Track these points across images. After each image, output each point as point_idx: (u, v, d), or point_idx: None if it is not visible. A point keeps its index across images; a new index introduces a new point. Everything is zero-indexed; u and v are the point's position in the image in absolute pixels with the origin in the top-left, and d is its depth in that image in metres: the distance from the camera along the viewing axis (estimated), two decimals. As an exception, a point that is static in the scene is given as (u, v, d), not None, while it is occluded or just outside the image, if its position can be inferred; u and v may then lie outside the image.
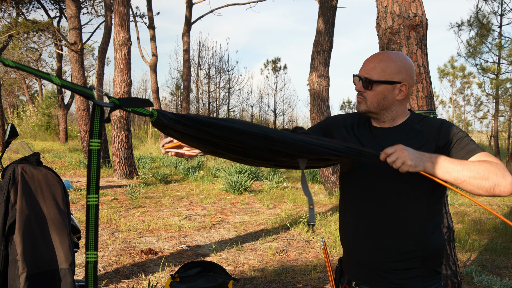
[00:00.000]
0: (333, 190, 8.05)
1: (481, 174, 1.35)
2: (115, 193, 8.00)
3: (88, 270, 1.13)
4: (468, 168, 1.37)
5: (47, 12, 16.16)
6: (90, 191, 1.10)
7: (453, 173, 1.37)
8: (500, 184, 1.34)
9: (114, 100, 1.15)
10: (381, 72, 1.54)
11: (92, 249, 1.13)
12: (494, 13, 11.79)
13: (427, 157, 1.40)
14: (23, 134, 22.21)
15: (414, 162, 1.40)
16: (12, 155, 2.61)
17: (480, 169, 1.36)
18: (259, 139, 1.46)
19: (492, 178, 1.35)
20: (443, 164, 1.39)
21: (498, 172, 1.36)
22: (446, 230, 2.95)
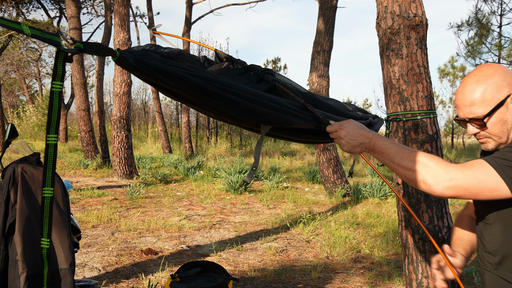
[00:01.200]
0: (333, 190, 8.05)
1: (410, 166, 1.31)
2: (115, 193, 8.00)
3: (45, 206, 1.21)
4: (400, 156, 1.35)
5: (47, 12, 16.15)
6: (50, 130, 1.17)
7: (385, 160, 1.38)
8: (426, 182, 1.28)
9: (79, 45, 1.20)
10: (483, 102, 1.33)
11: (49, 185, 1.20)
12: (493, 13, 11.79)
13: (364, 143, 1.42)
14: (23, 134, 22.21)
15: (347, 148, 1.45)
16: (12, 155, 2.61)
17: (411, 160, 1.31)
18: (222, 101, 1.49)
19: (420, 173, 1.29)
20: (378, 150, 1.40)
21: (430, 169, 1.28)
22: (446, 230, 2.95)
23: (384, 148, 1.38)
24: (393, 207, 7.10)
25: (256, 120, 1.57)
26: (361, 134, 1.43)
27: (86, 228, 5.36)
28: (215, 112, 1.64)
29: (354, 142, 1.44)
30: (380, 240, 5.23)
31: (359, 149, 1.44)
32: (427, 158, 1.29)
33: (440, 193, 1.26)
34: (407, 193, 3.00)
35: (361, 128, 1.45)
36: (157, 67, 1.41)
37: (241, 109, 1.52)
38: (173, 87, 1.47)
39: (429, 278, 2.95)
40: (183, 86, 1.45)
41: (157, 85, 1.55)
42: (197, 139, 21.30)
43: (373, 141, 1.41)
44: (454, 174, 1.24)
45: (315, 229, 5.67)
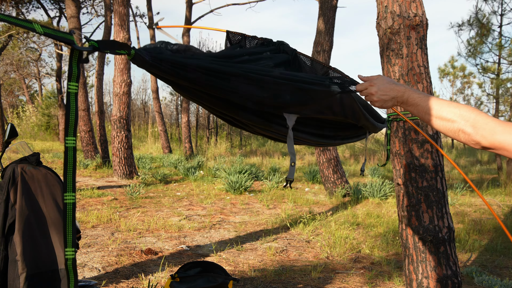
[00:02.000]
0: (333, 190, 8.05)
1: (449, 116, 1.30)
2: (115, 193, 8.00)
3: (67, 212, 1.14)
4: (438, 108, 1.33)
5: (47, 12, 16.16)
6: (68, 133, 1.13)
7: (420, 113, 1.37)
8: (466, 131, 1.27)
9: (93, 43, 1.18)
10: None
11: (71, 191, 1.15)
12: (494, 13, 11.79)
13: (397, 97, 1.41)
14: (22, 134, 22.20)
15: (379, 103, 1.44)
16: (11, 155, 2.60)
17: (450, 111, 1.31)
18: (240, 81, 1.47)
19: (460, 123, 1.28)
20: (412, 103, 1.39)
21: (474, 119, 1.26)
22: (446, 230, 2.95)
23: (419, 100, 1.37)
24: (393, 207, 7.10)
25: (280, 103, 1.53)
26: (392, 88, 1.42)
27: (86, 228, 5.36)
28: (237, 112, 1.59)
29: (386, 97, 1.43)
30: (380, 240, 5.23)
31: (390, 103, 1.43)
32: (467, 109, 1.29)
33: (478, 141, 1.25)
34: (407, 193, 3.00)
35: (392, 82, 1.44)
36: (173, 61, 1.39)
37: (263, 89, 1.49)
38: (192, 81, 1.44)
39: (429, 278, 2.94)
40: (201, 78, 1.42)
41: (175, 84, 1.51)
42: (197, 139, 21.30)
43: (407, 94, 1.40)
44: (493, 126, 1.23)
45: (315, 229, 5.66)
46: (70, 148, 1.13)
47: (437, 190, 2.94)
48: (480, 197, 1.38)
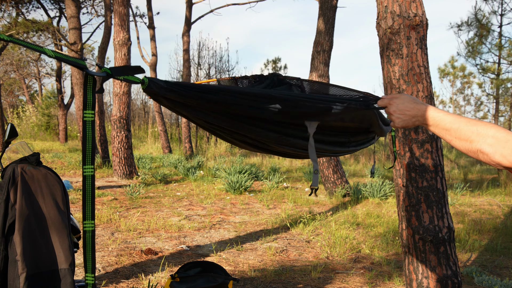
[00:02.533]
0: (333, 190, 8.05)
1: (467, 136, 1.22)
2: (115, 193, 8.00)
3: (86, 240, 1.16)
4: (456, 127, 1.26)
5: (46, 12, 16.15)
6: (86, 161, 1.13)
7: (441, 132, 1.32)
8: (484, 152, 1.19)
9: (106, 70, 1.17)
10: None
11: (90, 219, 1.16)
12: (494, 13, 11.79)
13: (417, 116, 1.36)
14: (22, 134, 22.20)
15: (399, 124, 1.40)
16: (11, 155, 2.60)
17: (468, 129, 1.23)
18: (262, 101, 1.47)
19: (478, 142, 1.20)
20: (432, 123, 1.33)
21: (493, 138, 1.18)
22: (446, 230, 2.95)
23: (439, 120, 1.30)
24: (393, 207, 7.10)
25: (300, 112, 1.54)
26: (412, 107, 1.37)
27: (86, 228, 5.36)
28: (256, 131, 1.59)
29: (405, 117, 1.38)
30: (380, 240, 5.23)
31: (411, 123, 1.38)
32: (485, 126, 1.21)
33: (498, 162, 1.17)
34: (407, 194, 3.00)
35: (413, 101, 1.38)
36: (191, 85, 1.36)
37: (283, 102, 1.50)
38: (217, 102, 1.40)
39: (429, 278, 2.95)
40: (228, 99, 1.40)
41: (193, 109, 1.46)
42: (197, 139, 21.30)
43: (427, 113, 1.33)
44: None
45: (315, 229, 5.66)
46: (88, 176, 1.12)
47: (437, 190, 2.94)
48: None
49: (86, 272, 1.17)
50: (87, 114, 1.12)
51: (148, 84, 1.28)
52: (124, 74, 1.21)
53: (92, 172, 1.13)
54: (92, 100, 1.12)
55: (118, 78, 1.20)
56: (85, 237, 1.15)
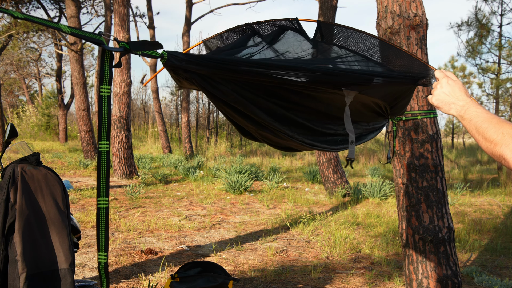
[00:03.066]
0: (333, 190, 8.05)
1: (493, 138, 1.13)
2: (115, 193, 8.00)
3: (100, 217, 1.14)
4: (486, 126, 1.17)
5: (46, 12, 16.15)
6: (101, 137, 1.12)
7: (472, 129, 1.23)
8: (506, 158, 1.10)
9: (124, 45, 1.15)
10: None
11: (104, 196, 1.15)
12: (494, 13, 11.79)
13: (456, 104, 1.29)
14: (22, 134, 22.20)
15: (436, 99, 1.33)
16: (11, 155, 2.60)
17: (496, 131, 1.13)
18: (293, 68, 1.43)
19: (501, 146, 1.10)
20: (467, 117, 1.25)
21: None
22: (446, 230, 2.95)
23: (475, 115, 1.21)
24: (393, 207, 7.10)
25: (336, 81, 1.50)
26: (458, 95, 1.29)
27: (86, 228, 5.36)
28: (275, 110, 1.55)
29: (447, 98, 1.31)
30: (380, 240, 5.23)
31: (447, 107, 1.31)
32: (510, 126, 1.11)
33: None
34: (407, 193, 3.00)
35: (463, 89, 1.32)
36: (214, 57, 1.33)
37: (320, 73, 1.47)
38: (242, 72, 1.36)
39: (429, 278, 2.95)
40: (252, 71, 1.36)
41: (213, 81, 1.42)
42: (197, 139, 21.30)
43: (467, 105, 1.25)
44: None
45: (315, 229, 5.66)
46: (104, 152, 1.12)
47: (437, 190, 2.94)
48: None
49: (99, 251, 1.14)
50: (103, 89, 1.10)
51: (168, 58, 1.26)
52: (142, 49, 1.19)
53: (107, 148, 1.12)
54: (109, 75, 1.10)
55: (137, 53, 1.19)
56: (99, 214, 1.13)
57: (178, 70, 1.35)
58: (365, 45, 1.73)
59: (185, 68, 1.32)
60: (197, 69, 1.34)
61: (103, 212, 1.12)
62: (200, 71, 1.36)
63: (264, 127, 1.61)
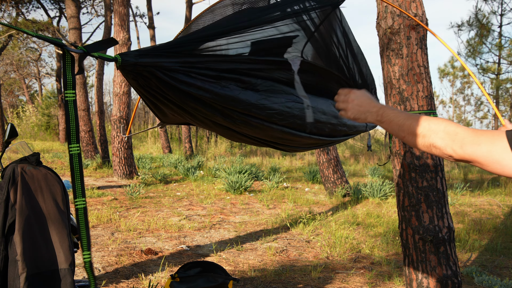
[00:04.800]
0: (333, 190, 8.05)
1: (420, 131, 1.25)
2: (115, 193, 8.00)
3: (79, 217, 1.17)
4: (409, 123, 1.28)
5: (47, 12, 16.16)
6: (71, 141, 1.14)
7: (394, 129, 1.34)
8: (436, 146, 1.21)
9: (81, 48, 1.18)
10: None
11: (80, 196, 1.18)
12: (494, 13, 11.79)
13: (371, 112, 1.39)
14: (22, 134, 22.20)
15: (352, 113, 1.44)
16: (11, 155, 2.60)
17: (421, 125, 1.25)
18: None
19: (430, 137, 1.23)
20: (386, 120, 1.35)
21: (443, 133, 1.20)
22: (446, 230, 2.95)
23: (393, 116, 1.33)
24: (393, 207, 7.10)
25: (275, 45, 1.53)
26: (369, 103, 1.41)
27: (86, 228, 5.36)
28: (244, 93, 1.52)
29: (361, 109, 1.42)
30: (380, 240, 5.23)
31: (363, 117, 1.41)
32: (436, 121, 1.24)
33: (450, 155, 1.20)
34: (407, 193, 3.00)
35: (369, 97, 1.43)
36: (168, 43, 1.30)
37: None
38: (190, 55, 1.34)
39: (429, 278, 2.95)
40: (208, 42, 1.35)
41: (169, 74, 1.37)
42: (197, 139, 21.30)
43: (382, 110, 1.37)
44: (462, 137, 1.17)
45: (315, 229, 5.66)
46: (75, 155, 1.14)
47: (437, 190, 2.94)
48: None
49: (83, 251, 1.18)
50: (68, 94, 1.13)
51: (122, 59, 1.25)
52: (98, 49, 1.20)
53: (78, 151, 1.14)
54: (72, 80, 1.13)
55: (93, 55, 1.20)
56: (78, 215, 1.16)
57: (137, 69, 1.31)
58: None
59: (143, 64, 1.28)
60: (153, 63, 1.29)
61: (81, 212, 1.16)
62: (157, 64, 1.31)
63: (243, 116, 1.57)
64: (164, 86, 1.38)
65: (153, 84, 1.39)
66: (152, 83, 1.39)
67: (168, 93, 1.42)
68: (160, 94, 1.46)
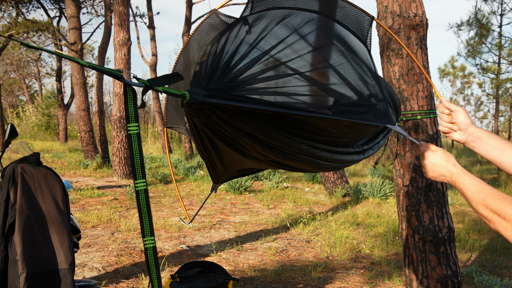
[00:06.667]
0: (333, 190, 8.05)
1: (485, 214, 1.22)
2: (115, 193, 8.00)
3: (149, 257, 1.10)
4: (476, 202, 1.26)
5: (46, 12, 16.16)
6: (137, 176, 1.08)
7: (466, 200, 1.33)
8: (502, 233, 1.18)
9: (144, 81, 1.12)
10: None
11: (149, 235, 1.10)
12: (493, 13, 11.79)
13: (445, 176, 1.40)
14: (23, 134, 22.20)
15: (429, 175, 1.46)
16: (11, 155, 2.60)
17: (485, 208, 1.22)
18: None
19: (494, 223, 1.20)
20: (458, 189, 1.36)
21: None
22: (446, 230, 2.95)
23: (465, 188, 1.31)
24: (393, 207, 7.10)
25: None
26: (442, 166, 1.41)
27: (86, 228, 5.36)
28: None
29: (434, 173, 1.44)
30: (380, 240, 5.23)
31: (439, 179, 1.43)
32: (501, 208, 1.16)
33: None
34: (407, 193, 3.00)
35: (445, 159, 1.42)
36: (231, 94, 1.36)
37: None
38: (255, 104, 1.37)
39: (429, 278, 2.95)
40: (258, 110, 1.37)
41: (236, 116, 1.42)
42: (197, 139, 21.28)
43: (454, 177, 1.37)
44: None
45: (315, 229, 5.66)
46: (141, 191, 1.08)
47: (437, 190, 2.94)
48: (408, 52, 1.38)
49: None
50: (131, 127, 1.07)
51: (190, 96, 1.22)
52: (162, 84, 1.16)
53: (144, 186, 1.07)
54: (134, 112, 1.07)
55: (158, 89, 1.15)
56: (146, 255, 1.09)
57: (201, 108, 1.34)
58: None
59: (208, 105, 1.32)
60: (219, 104, 1.33)
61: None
62: (222, 105, 1.35)
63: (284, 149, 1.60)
64: (222, 122, 1.44)
65: (212, 120, 1.43)
66: (212, 119, 1.43)
67: (225, 128, 1.46)
68: (219, 131, 1.50)
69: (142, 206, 1.08)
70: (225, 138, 1.57)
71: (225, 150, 1.75)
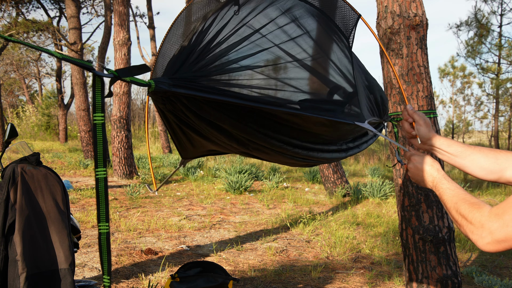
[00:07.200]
0: (333, 190, 8.05)
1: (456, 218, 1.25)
2: (115, 193, 8.00)
3: (102, 242, 1.15)
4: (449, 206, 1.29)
5: (46, 12, 16.16)
6: (98, 164, 1.12)
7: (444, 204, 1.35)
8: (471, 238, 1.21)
9: (112, 72, 1.16)
10: None
11: (104, 221, 1.16)
12: (493, 13, 11.79)
13: (427, 181, 1.43)
14: (23, 134, 22.21)
15: (413, 180, 1.51)
16: (11, 155, 2.60)
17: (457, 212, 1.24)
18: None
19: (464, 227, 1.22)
20: (438, 193, 1.37)
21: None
22: (446, 230, 2.95)
23: (443, 192, 1.33)
24: (393, 207, 7.10)
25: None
26: (426, 171, 1.44)
27: (86, 228, 5.36)
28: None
29: (418, 177, 1.47)
30: (380, 240, 5.23)
31: (422, 184, 1.47)
32: (468, 212, 1.20)
33: (486, 250, 1.22)
34: (407, 193, 3.00)
35: (430, 164, 1.43)
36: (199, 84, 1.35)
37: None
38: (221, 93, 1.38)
39: (429, 278, 2.95)
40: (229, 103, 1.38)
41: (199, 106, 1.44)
42: (197, 139, 21.29)
43: (435, 181, 1.39)
44: (489, 227, 1.17)
45: (315, 229, 5.66)
46: (101, 179, 1.12)
47: (437, 190, 2.94)
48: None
49: (103, 274, 1.17)
50: (97, 117, 1.11)
51: (155, 85, 1.25)
52: (130, 74, 1.19)
53: (104, 175, 1.13)
54: (101, 102, 1.11)
55: (125, 79, 1.18)
56: (100, 239, 1.15)
57: (167, 95, 1.35)
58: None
59: (174, 93, 1.32)
60: (185, 94, 1.34)
61: (104, 237, 1.16)
62: (188, 95, 1.37)
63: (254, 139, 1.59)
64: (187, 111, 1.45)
65: (178, 108, 1.45)
66: (177, 107, 1.44)
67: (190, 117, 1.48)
68: (184, 119, 1.52)
69: (100, 193, 1.13)
70: (191, 126, 1.58)
71: (192, 135, 1.76)
